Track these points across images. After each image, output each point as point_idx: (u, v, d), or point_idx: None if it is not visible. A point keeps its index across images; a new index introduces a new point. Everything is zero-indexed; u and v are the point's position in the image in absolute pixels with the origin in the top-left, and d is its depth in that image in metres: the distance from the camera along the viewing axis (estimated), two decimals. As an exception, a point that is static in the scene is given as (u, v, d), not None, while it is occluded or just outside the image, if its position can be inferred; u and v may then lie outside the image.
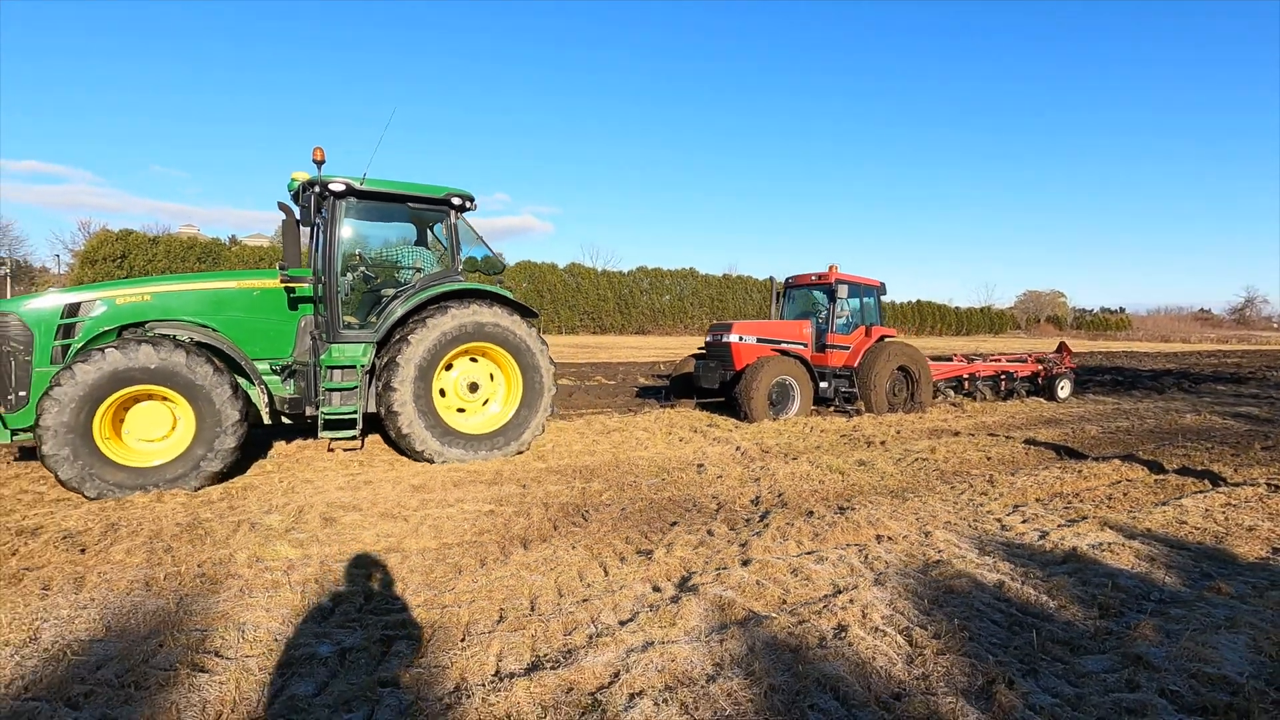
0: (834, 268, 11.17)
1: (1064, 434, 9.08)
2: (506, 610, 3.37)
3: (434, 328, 6.47)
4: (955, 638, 3.03)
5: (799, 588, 3.63)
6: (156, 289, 6.06)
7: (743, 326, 10.68)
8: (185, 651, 2.84)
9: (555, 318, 51.33)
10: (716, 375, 10.67)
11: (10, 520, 4.60)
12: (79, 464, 5.09)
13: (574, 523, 4.90)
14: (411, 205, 6.90)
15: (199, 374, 5.42)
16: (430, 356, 6.46)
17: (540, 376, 7.15)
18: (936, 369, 12.23)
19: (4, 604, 3.26)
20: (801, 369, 10.43)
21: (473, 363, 7.04)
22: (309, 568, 3.86)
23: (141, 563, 3.89)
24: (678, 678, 2.70)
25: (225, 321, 6.25)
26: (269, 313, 6.49)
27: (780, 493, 5.84)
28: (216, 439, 5.50)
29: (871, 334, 11.36)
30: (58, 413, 5.02)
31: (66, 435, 5.04)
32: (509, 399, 7.13)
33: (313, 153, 6.32)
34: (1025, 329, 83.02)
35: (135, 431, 5.49)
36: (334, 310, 6.41)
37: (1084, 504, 5.51)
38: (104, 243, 37.62)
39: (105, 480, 5.18)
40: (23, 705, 2.43)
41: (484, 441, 6.83)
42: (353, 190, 6.45)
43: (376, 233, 7.56)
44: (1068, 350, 14.21)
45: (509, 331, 6.90)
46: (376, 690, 2.59)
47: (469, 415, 7.03)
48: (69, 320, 5.70)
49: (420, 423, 6.42)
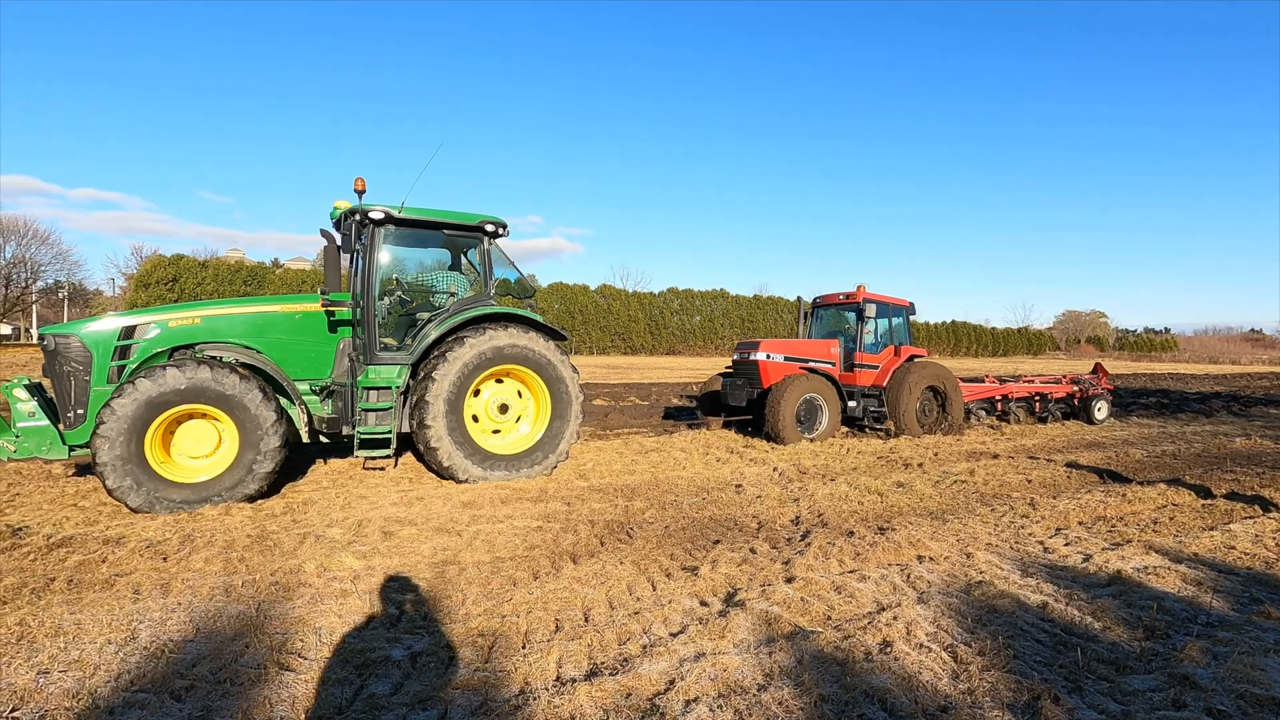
0: (862, 287, 11.19)
1: (1107, 457, 8.97)
2: (562, 621, 3.54)
3: (470, 348, 6.68)
4: (1000, 655, 3.10)
5: (843, 604, 3.73)
6: (206, 313, 6.38)
7: (770, 344, 10.70)
8: (270, 652, 3.07)
9: (587, 339, 51.86)
10: (744, 393, 10.69)
11: (96, 530, 4.93)
12: (129, 475, 5.36)
13: (619, 539, 5.06)
14: (447, 233, 7.16)
15: (248, 394, 5.68)
16: (463, 377, 6.67)
17: (568, 399, 7.29)
18: (968, 390, 12.12)
19: (102, 606, 3.54)
20: (830, 387, 10.40)
21: (498, 384, 7.20)
22: (373, 578, 4.08)
23: (219, 570, 4.16)
24: (730, 686, 2.83)
25: (268, 343, 6.52)
26: (309, 335, 6.73)
27: (820, 513, 5.92)
28: (258, 457, 5.74)
29: (901, 353, 11.30)
30: (115, 423, 5.31)
31: (122, 447, 5.32)
32: (539, 416, 7.30)
33: (354, 183, 6.62)
34: (1065, 350, 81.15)
35: (183, 448, 5.76)
36: (371, 333, 6.66)
37: (1128, 528, 5.48)
38: (156, 267, 39.32)
39: (161, 496, 5.45)
40: (133, 697, 2.67)
41: (512, 461, 6.99)
42: (391, 218, 6.71)
43: (413, 258, 7.89)
44: (1103, 371, 13.92)
45: (537, 354, 7.09)
46: (448, 691, 2.77)
47: (503, 435, 7.22)
48: (125, 342, 6.00)
49: (449, 440, 6.61)
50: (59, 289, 56.51)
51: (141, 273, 41.28)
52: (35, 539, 4.63)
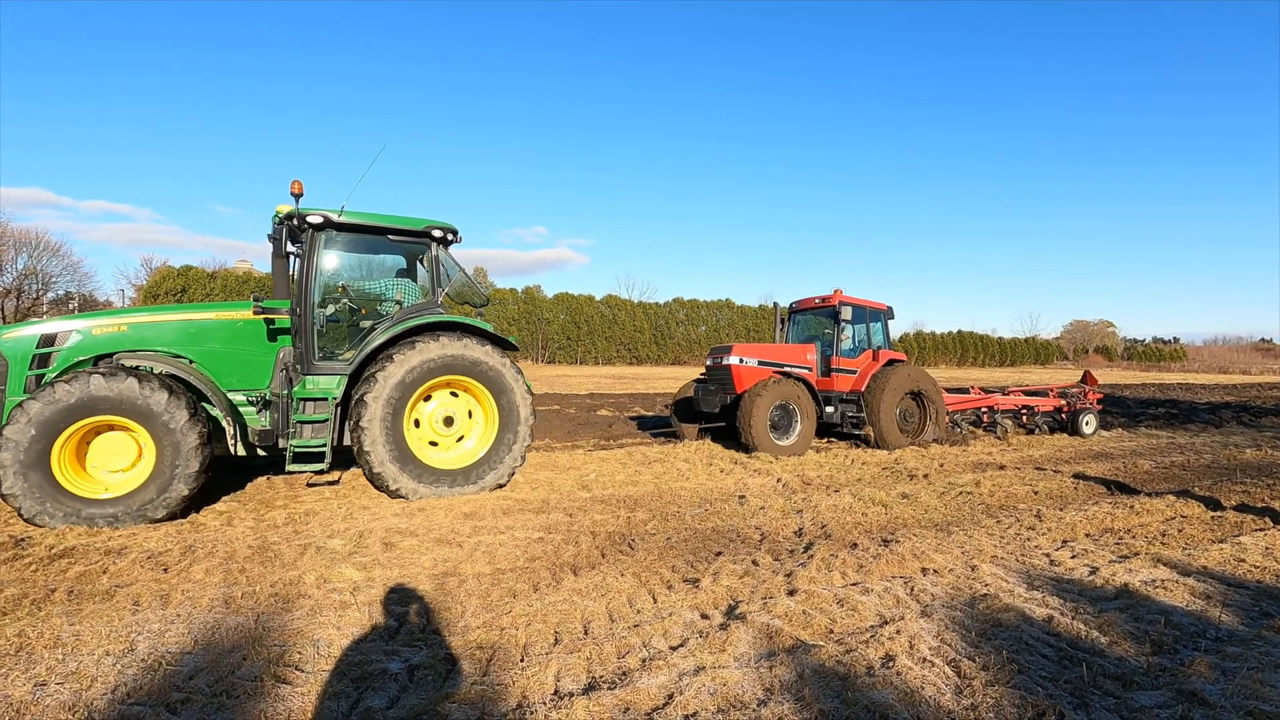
0: (839, 291, 10.99)
1: (1115, 468, 8.89)
2: (561, 633, 3.51)
3: (402, 364, 6.35)
4: (1004, 670, 3.06)
5: (845, 618, 3.69)
6: (133, 320, 6.15)
7: (744, 349, 10.45)
8: (268, 665, 3.05)
9: (592, 349, 51.92)
10: (717, 399, 10.35)
11: (98, 541, 4.93)
12: (37, 496, 5.11)
13: (621, 551, 5.03)
14: (391, 238, 6.80)
15: (156, 404, 5.36)
16: (400, 393, 6.35)
17: (516, 409, 6.94)
18: (952, 401, 11.93)
19: (101, 618, 3.53)
20: (804, 392, 10.12)
21: (453, 397, 6.91)
22: (373, 589, 4.07)
23: (219, 582, 4.15)
24: (730, 701, 2.80)
25: (203, 353, 6.26)
26: (248, 344, 6.46)
27: (823, 525, 5.88)
28: (177, 469, 5.44)
29: (879, 358, 11.05)
30: (14, 448, 5.05)
31: (21, 469, 5.06)
32: (486, 433, 6.94)
33: (291, 185, 6.27)
34: (1073, 360, 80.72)
35: (100, 462, 5.49)
36: (308, 342, 6.37)
37: (1136, 540, 5.42)
38: (165, 278, 39.65)
39: (63, 511, 5.18)
40: (129, 709, 2.66)
41: (459, 476, 6.66)
42: (330, 223, 6.43)
43: (361, 265, 7.52)
44: (1092, 380, 13.46)
45: (483, 364, 6.73)
46: (445, 705, 2.75)
47: (444, 450, 6.86)
48: (44, 350, 5.79)
49: (391, 462, 6.31)
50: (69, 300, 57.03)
51: (150, 284, 41.62)
52: (38, 549, 4.64)
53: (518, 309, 50.78)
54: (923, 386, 10.96)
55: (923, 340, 68.63)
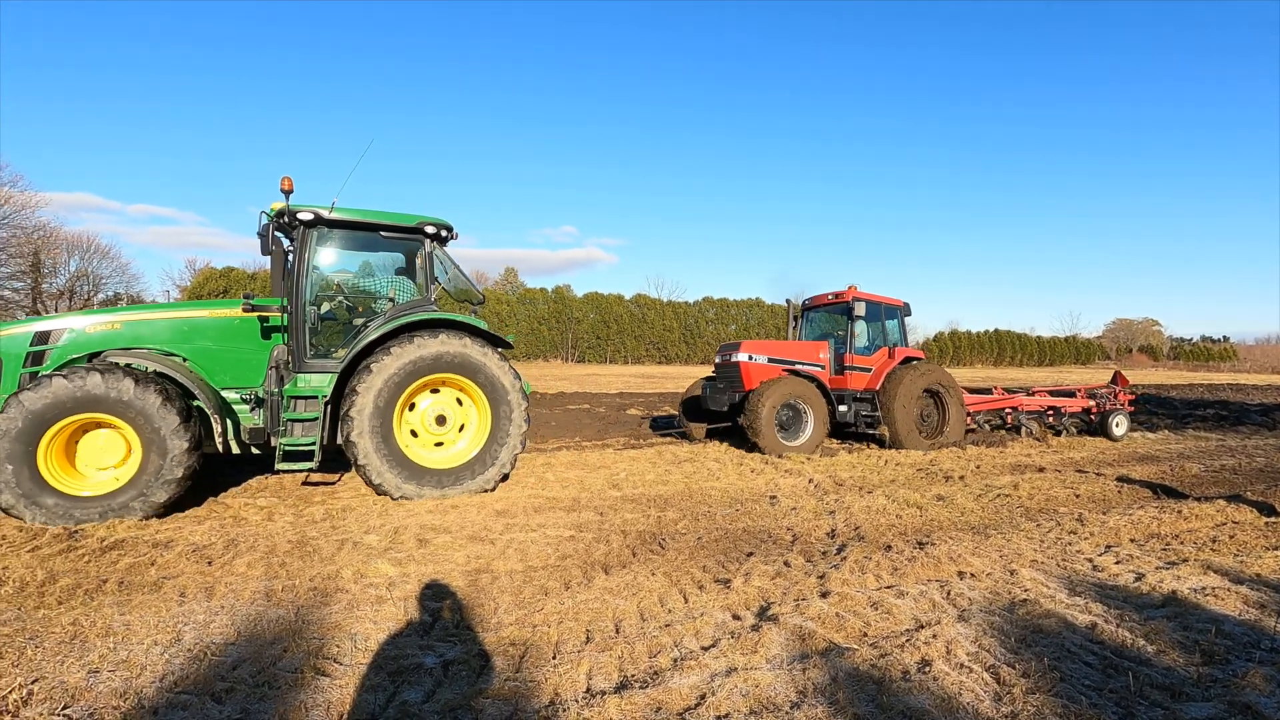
0: (853, 287, 10.70)
1: (1161, 471, 8.60)
2: (593, 631, 3.53)
3: (396, 358, 6.26)
4: (1045, 677, 2.98)
5: (879, 621, 3.64)
6: (128, 317, 6.17)
7: (753, 345, 10.23)
8: (307, 657, 3.12)
9: (622, 348, 52.05)
10: (725, 397, 10.13)
11: (146, 533, 5.10)
12: (19, 491, 5.12)
13: (652, 550, 5.03)
14: (384, 234, 6.73)
15: (143, 401, 5.33)
16: (391, 388, 6.26)
17: (509, 410, 6.77)
18: (974, 401, 11.56)
19: (150, 608, 3.66)
20: (814, 390, 9.87)
21: (435, 394, 6.78)
22: (408, 585, 4.13)
23: (261, 575, 4.26)
24: (762, 703, 2.78)
25: (196, 350, 6.25)
26: (242, 341, 6.44)
27: (856, 526, 5.81)
28: (161, 472, 5.42)
29: (895, 355, 10.72)
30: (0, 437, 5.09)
31: (5, 459, 5.08)
32: (478, 435, 6.80)
33: (281, 182, 6.19)
34: (1116, 359, 78.34)
35: (89, 459, 5.50)
36: (299, 340, 6.33)
37: (1184, 546, 5.24)
38: (209, 279, 40.84)
39: (41, 505, 5.17)
40: (176, 698, 2.75)
41: (447, 476, 6.53)
42: (321, 219, 6.38)
43: (356, 263, 7.45)
44: (1123, 381, 12.84)
45: (475, 362, 6.60)
46: (479, 700, 2.78)
47: (435, 449, 6.75)
48: (38, 348, 5.83)
49: (377, 456, 6.22)
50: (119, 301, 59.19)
51: (194, 285, 42.93)
52: (90, 541, 4.81)
53: (548, 308, 51.13)
54: (941, 385, 10.60)
55: (958, 339, 67.30)
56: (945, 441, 10.52)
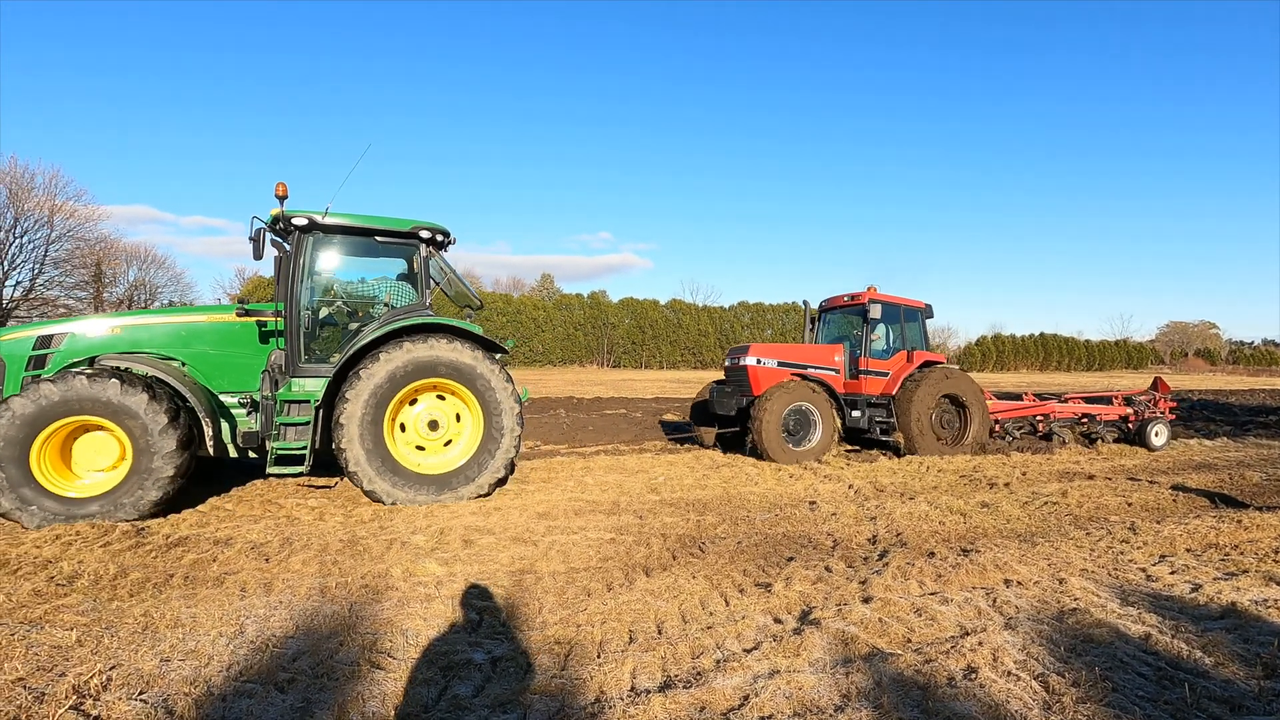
0: (872, 288, 10.36)
1: (1219, 480, 8.29)
2: (635, 632, 3.58)
3: (385, 364, 6.24)
4: (1097, 687, 2.93)
5: (923, 627, 3.61)
6: (127, 322, 6.30)
7: (762, 348, 10.00)
8: (362, 651, 3.25)
9: (657, 353, 52.12)
10: (733, 402, 9.90)
11: (207, 531, 5.34)
12: (14, 494, 5.23)
13: (691, 553, 5.07)
14: (378, 239, 6.76)
15: (129, 403, 5.40)
16: (381, 394, 6.25)
17: (502, 414, 6.68)
18: (1002, 408, 11.13)
19: (214, 602, 3.84)
20: (823, 395, 9.62)
21: (440, 400, 6.76)
22: (455, 584, 4.25)
23: (315, 572, 4.43)
24: (805, 705, 2.80)
25: (194, 355, 6.34)
26: (240, 346, 6.51)
27: (898, 532, 5.75)
28: (152, 470, 5.49)
29: (914, 359, 10.33)
30: None
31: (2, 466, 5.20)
32: (472, 438, 6.74)
33: (275, 188, 6.26)
34: (1170, 364, 75.45)
35: (84, 461, 5.62)
36: (293, 344, 6.40)
37: (1244, 557, 5.05)
38: (257, 287, 42.17)
39: (35, 506, 5.27)
40: (242, 686, 2.89)
41: (440, 482, 6.49)
42: (315, 224, 6.41)
43: (352, 267, 7.40)
44: (1164, 387, 11.97)
45: (465, 367, 6.53)
46: (527, 696, 2.86)
47: (427, 454, 6.71)
48: (40, 352, 5.97)
49: (368, 463, 6.21)
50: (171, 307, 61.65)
51: (244, 293, 44.45)
52: (156, 538, 5.06)
53: (584, 314, 51.49)
54: (960, 391, 10.17)
55: (1001, 343, 65.60)
56: (965, 450, 10.08)
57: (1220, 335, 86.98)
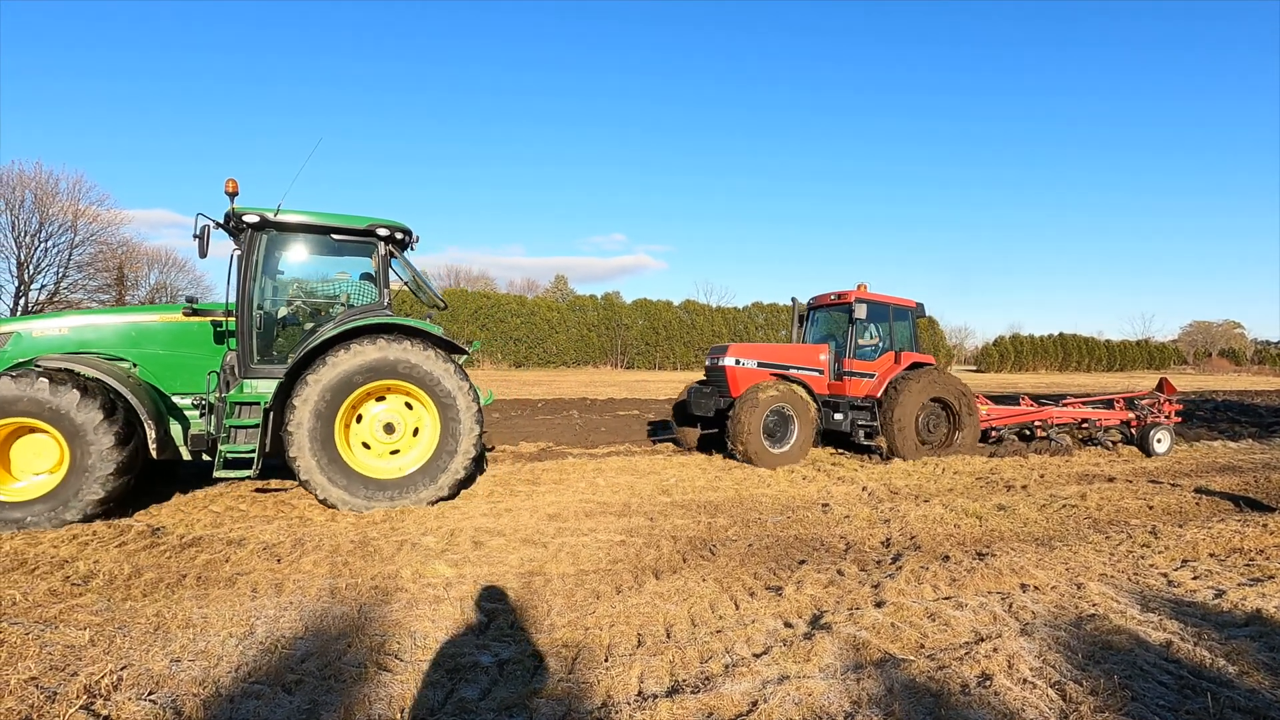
0: (862, 286, 10.09)
1: (1243, 483, 8.11)
2: (644, 636, 3.55)
3: (333, 367, 6.05)
4: (1115, 696, 2.86)
5: (937, 633, 3.55)
6: (75, 322, 6.17)
7: (741, 349, 9.76)
8: (370, 653, 3.25)
9: (671, 354, 52.02)
10: (711, 403, 9.61)
11: (221, 532, 5.39)
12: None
13: (702, 556, 5.03)
14: (335, 237, 6.54)
15: (60, 402, 5.26)
16: (332, 395, 6.05)
17: (458, 416, 6.47)
18: (999, 412, 10.84)
19: (225, 602, 3.86)
20: (803, 396, 9.36)
21: (408, 409, 6.59)
22: (464, 586, 4.25)
23: (326, 573, 4.45)
24: (815, 712, 2.76)
25: (144, 355, 6.18)
26: (193, 347, 6.34)
27: (912, 535, 5.67)
28: (89, 472, 5.36)
29: (901, 360, 10.02)
30: None
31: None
32: (429, 441, 6.54)
33: (225, 184, 6.07)
34: (1193, 364, 74.13)
35: (24, 464, 5.48)
36: (245, 345, 6.23)
37: (1270, 562, 4.93)
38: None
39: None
40: (250, 687, 2.90)
41: (397, 486, 6.30)
42: (268, 222, 6.25)
43: (309, 266, 7.16)
44: (1170, 389, 11.38)
45: (417, 367, 6.31)
46: (534, 700, 2.84)
47: (384, 458, 6.52)
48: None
49: (319, 470, 6.03)
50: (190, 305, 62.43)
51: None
52: (170, 539, 5.10)
53: (597, 315, 51.53)
54: (949, 394, 9.85)
55: (1019, 343, 64.77)
56: (955, 453, 9.73)
57: (1245, 335, 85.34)
